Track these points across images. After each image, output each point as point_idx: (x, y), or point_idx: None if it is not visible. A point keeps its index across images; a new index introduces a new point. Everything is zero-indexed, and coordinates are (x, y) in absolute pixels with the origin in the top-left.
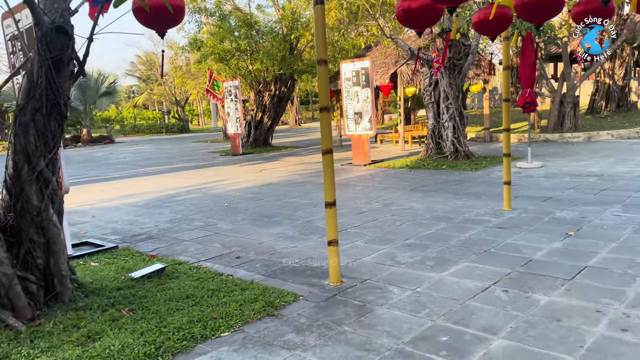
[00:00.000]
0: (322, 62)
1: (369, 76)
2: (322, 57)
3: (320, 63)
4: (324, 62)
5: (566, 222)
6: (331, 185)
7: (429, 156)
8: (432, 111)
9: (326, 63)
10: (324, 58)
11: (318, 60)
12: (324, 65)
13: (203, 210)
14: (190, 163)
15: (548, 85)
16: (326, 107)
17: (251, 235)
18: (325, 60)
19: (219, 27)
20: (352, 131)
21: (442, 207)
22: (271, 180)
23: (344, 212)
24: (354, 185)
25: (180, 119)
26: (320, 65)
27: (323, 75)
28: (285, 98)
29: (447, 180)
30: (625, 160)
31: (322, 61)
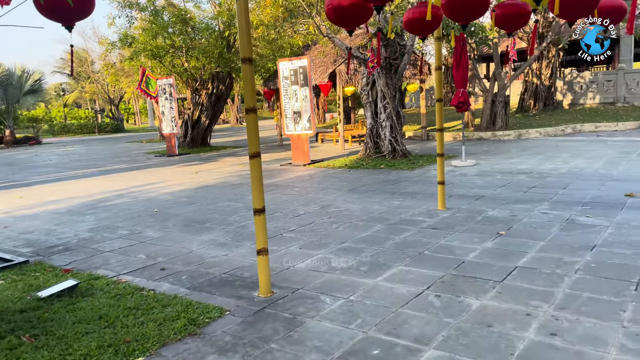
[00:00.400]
0: (247, 60)
1: (307, 75)
2: (247, 55)
3: (245, 61)
4: (249, 61)
5: (498, 221)
6: (259, 191)
7: (368, 155)
8: (370, 111)
9: (251, 61)
10: (249, 56)
11: (242, 58)
12: (248, 64)
13: (130, 217)
14: (122, 165)
15: (481, 85)
16: (252, 108)
17: (180, 243)
18: (250, 58)
19: (151, 23)
20: (291, 131)
21: (379, 208)
22: (207, 183)
23: (279, 215)
24: (292, 187)
25: (114, 118)
26: (245, 63)
27: (248, 75)
28: (224, 96)
29: (384, 179)
30: (552, 158)
31: (246, 59)
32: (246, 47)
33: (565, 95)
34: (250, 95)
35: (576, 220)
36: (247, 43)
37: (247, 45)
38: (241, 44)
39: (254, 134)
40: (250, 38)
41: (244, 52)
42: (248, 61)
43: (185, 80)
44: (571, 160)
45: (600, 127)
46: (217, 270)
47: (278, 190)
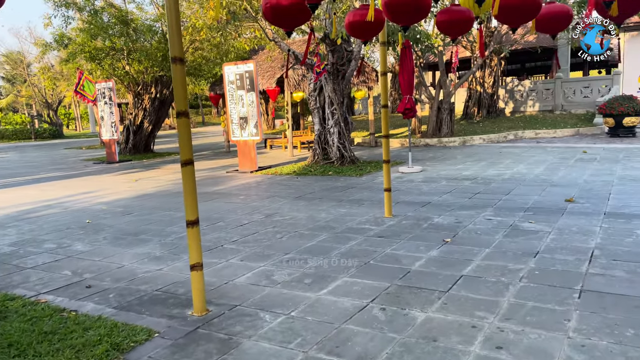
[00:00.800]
0: (177, 60)
1: (253, 79)
2: (177, 55)
3: (175, 61)
4: (180, 61)
5: (443, 228)
6: (192, 202)
7: (316, 162)
8: (317, 117)
9: (182, 61)
10: (179, 56)
11: (172, 58)
12: (179, 64)
13: (59, 229)
14: (57, 173)
15: (427, 93)
16: (184, 111)
17: (111, 257)
18: (180, 58)
19: (89, 24)
20: (237, 137)
21: (325, 216)
22: (146, 191)
23: (222, 225)
24: (237, 195)
25: (52, 124)
26: (175, 63)
27: (179, 76)
28: (168, 101)
29: (332, 186)
30: (495, 164)
31: (177, 59)
32: (176, 46)
33: (507, 103)
34: (182, 98)
35: (519, 226)
36: (177, 42)
37: (178, 44)
38: (171, 42)
39: (186, 139)
40: (181, 36)
41: (174, 51)
42: (179, 61)
43: (127, 84)
44: (513, 166)
45: (540, 134)
46: (149, 286)
47: (222, 198)
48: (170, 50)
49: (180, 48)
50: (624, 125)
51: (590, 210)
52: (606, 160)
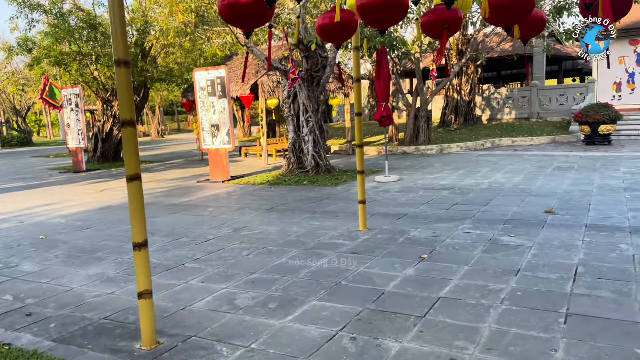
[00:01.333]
0: (122, 63)
1: (225, 86)
2: (121, 57)
3: (119, 64)
4: (125, 64)
5: (420, 243)
6: (140, 221)
7: (291, 171)
8: (292, 124)
9: (127, 65)
10: (124, 58)
11: (116, 61)
12: (124, 67)
13: (9, 246)
14: (19, 183)
15: (404, 100)
16: (129, 120)
17: (60, 279)
18: (125, 61)
19: (55, 27)
20: (209, 145)
21: (297, 231)
22: (111, 203)
23: (185, 241)
24: (206, 207)
25: (21, 131)
26: (120, 66)
27: (123, 80)
28: (139, 108)
29: (306, 197)
30: (473, 173)
31: (121, 62)
32: (121, 48)
33: (484, 110)
34: (127, 105)
35: (499, 240)
36: (122, 43)
37: (122, 45)
38: (115, 43)
39: (132, 151)
40: (126, 37)
41: (118, 53)
42: (123, 64)
43: (95, 90)
44: (491, 175)
45: (517, 142)
46: (97, 314)
47: (189, 210)
48: (114, 52)
49: (125, 50)
50: (599, 133)
51: (571, 223)
52: (584, 169)
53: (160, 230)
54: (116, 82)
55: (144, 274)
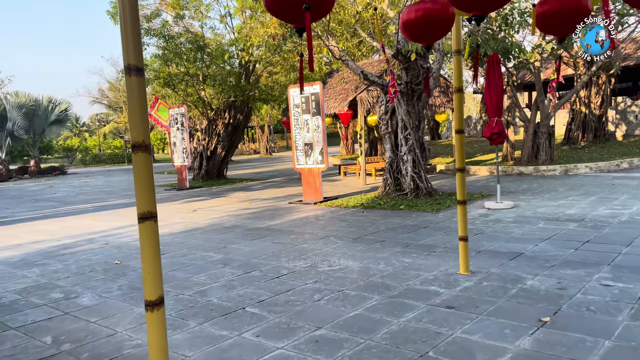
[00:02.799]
0: (134, 69)
1: (319, 102)
2: (134, 63)
3: (130, 71)
4: (137, 71)
5: (540, 297)
6: (154, 274)
7: (387, 193)
8: (389, 142)
9: (140, 72)
10: (137, 64)
11: (127, 66)
12: (135, 75)
13: (81, 272)
14: (124, 200)
15: (521, 114)
16: (141, 144)
17: (110, 318)
18: (137, 67)
19: (164, 49)
20: (302, 164)
21: (383, 269)
22: (198, 224)
23: (256, 276)
24: (290, 232)
25: None
26: (130, 74)
27: (135, 91)
28: (241, 127)
29: (401, 225)
30: (607, 200)
31: (132, 68)
32: (132, 51)
33: (619, 125)
34: (139, 124)
35: None
36: (133, 45)
37: (134, 49)
38: (125, 46)
39: (145, 182)
40: (138, 40)
41: (128, 57)
42: (135, 71)
43: (201, 110)
44: (632, 204)
45: None
46: None
47: (272, 236)
48: (124, 56)
49: (137, 54)
50: None
51: None
52: None
53: (233, 260)
54: (126, 94)
55: (157, 344)
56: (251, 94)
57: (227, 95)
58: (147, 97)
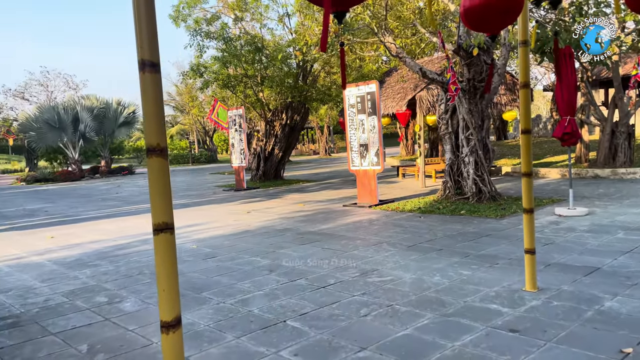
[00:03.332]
0: (147, 65)
1: (375, 102)
2: (149, 58)
3: (145, 67)
4: (152, 66)
5: (620, 323)
6: (170, 293)
7: (447, 197)
8: (449, 143)
9: (155, 68)
10: (152, 59)
11: (140, 62)
12: (150, 72)
13: (129, 275)
14: (183, 200)
15: (597, 113)
16: (155, 147)
17: (148, 326)
18: (152, 62)
19: (222, 51)
20: (356, 166)
21: (438, 282)
22: (249, 227)
23: (301, 285)
24: (341, 238)
25: (208, 149)
26: (145, 70)
27: (150, 90)
28: (298, 127)
29: (460, 232)
30: None
31: (146, 63)
32: (146, 45)
33: None
34: (155, 126)
35: None
36: (147, 39)
37: (149, 43)
38: (139, 39)
39: (161, 189)
40: (155, 33)
41: (142, 52)
42: (150, 67)
43: (260, 111)
44: None
45: None
46: None
47: (323, 241)
48: (138, 50)
49: (152, 49)
50: None
51: None
52: None
53: (280, 266)
54: (140, 92)
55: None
56: (308, 95)
57: (284, 96)
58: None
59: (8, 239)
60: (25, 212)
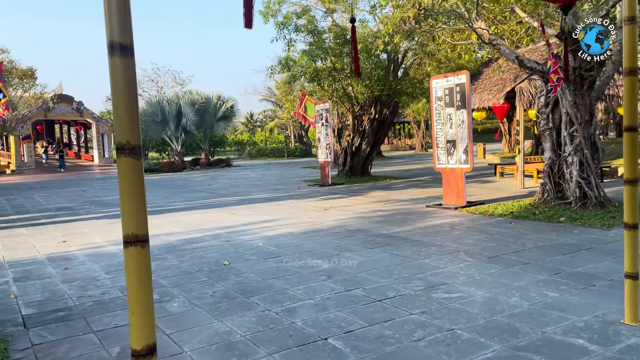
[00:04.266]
0: (118, 48)
1: (465, 94)
2: (117, 39)
3: (114, 50)
4: (122, 49)
5: None
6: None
7: (545, 201)
8: (549, 141)
9: (127, 51)
10: (123, 42)
11: (110, 44)
12: (120, 56)
13: (189, 270)
14: (266, 194)
15: None
16: (126, 145)
17: (185, 332)
18: (123, 45)
19: (310, 44)
20: (442, 164)
21: (515, 303)
22: (321, 225)
23: (356, 296)
24: (414, 242)
25: (303, 143)
26: (114, 54)
27: (121, 74)
28: (388, 122)
29: (555, 243)
30: None
31: (116, 46)
32: (116, 25)
33: None
34: (124, 117)
35: None
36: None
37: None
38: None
39: (131, 194)
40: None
41: (112, 33)
42: (121, 50)
43: (349, 106)
44: None
45: None
46: None
47: (394, 245)
48: (108, 31)
49: (123, 29)
50: None
51: None
52: None
53: (340, 272)
54: (110, 79)
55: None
56: (398, 88)
57: (373, 89)
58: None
59: (97, 227)
60: None
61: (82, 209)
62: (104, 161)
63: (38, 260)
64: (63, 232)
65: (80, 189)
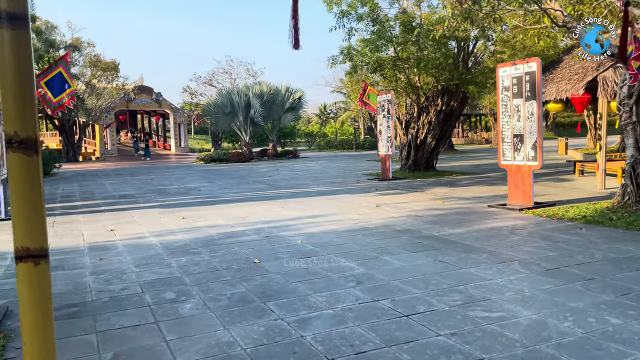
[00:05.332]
0: (5, 18)
1: (535, 84)
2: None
3: (2, 20)
4: (12, 19)
5: None
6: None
7: (625, 205)
8: (632, 136)
9: (18, 22)
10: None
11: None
12: (10, 27)
13: (216, 268)
14: (322, 187)
15: None
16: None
17: (188, 339)
18: (12, 14)
19: (372, 33)
20: (508, 160)
21: (567, 330)
22: (369, 223)
23: (382, 308)
24: (464, 247)
25: (373, 135)
26: (2, 25)
27: (9, 48)
28: (455, 114)
29: (630, 256)
30: None
31: (5, 16)
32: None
33: None
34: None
35: None
36: None
37: None
38: None
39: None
40: None
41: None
42: (10, 20)
43: (413, 97)
44: None
45: None
46: None
47: (441, 250)
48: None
49: None
50: None
51: None
52: None
53: (372, 278)
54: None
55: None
56: (467, 77)
57: (440, 79)
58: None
59: (148, 216)
60: (182, 190)
61: (142, 197)
62: (180, 150)
63: (79, 249)
64: (116, 221)
65: (149, 177)
